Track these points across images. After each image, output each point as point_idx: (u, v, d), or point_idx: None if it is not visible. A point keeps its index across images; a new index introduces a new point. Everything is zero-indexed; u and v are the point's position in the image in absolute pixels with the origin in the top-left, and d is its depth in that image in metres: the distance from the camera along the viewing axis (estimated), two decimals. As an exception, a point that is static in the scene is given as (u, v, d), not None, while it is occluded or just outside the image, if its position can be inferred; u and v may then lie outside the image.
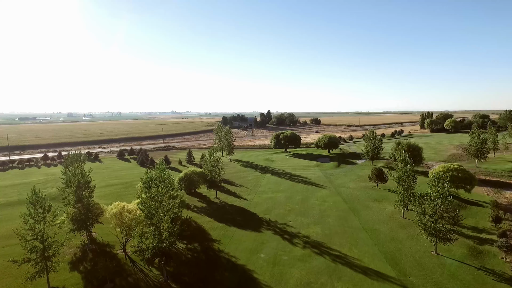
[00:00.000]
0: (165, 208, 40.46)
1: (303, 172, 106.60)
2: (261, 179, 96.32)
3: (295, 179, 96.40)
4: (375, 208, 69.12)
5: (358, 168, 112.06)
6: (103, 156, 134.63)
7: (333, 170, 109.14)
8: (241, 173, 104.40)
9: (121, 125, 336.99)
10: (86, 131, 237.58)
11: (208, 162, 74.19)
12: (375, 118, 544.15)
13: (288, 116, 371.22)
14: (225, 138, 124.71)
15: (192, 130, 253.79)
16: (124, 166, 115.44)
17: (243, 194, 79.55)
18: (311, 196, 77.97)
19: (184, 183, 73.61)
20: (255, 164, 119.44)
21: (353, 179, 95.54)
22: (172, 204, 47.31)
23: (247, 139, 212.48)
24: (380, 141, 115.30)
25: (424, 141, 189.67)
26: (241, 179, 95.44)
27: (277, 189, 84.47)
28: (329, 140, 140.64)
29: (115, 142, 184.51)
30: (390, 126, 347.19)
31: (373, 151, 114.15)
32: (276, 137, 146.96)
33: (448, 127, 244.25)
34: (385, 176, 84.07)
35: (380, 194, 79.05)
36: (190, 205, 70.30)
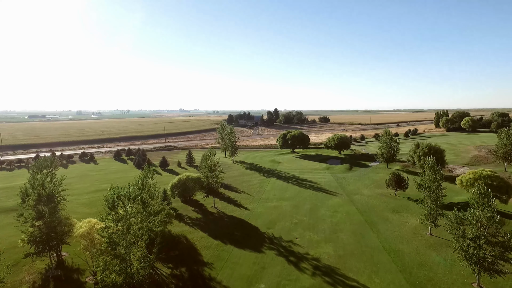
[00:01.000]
0: (138, 232, 32.03)
1: (311, 175, 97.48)
2: (265, 184, 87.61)
3: (302, 184, 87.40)
4: (395, 221, 59.81)
5: (372, 171, 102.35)
6: (100, 157, 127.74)
7: (345, 174, 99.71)
8: (244, 176, 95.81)
9: (125, 123, 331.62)
10: (88, 130, 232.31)
11: (204, 166, 65.75)
12: (386, 117, 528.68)
13: (296, 114, 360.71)
14: (228, 138, 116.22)
15: (196, 129, 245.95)
16: (120, 168, 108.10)
17: (244, 202, 70.98)
18: (321, 206, 68.95)
19: (177, 190, 65.43)
20: (260, 167, 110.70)
21: (367, 185, 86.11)
22: (154, 222, 39.01)
23: (253, 138, 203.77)
24: (396, 142, 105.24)
25: (441, 141, 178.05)
26: (243, 184, 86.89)
27: (283, 196, 75.67)
28: (339, 140, 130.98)
29: (116, 141, 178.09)
30: (402, 124, 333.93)
31: (389, 153, 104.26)
32: (283, 136, 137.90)
33: (466, 126, 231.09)
34: (405, 183, 74.53)
35: (400, 204, 69.62)
36: (183, 215, 62.07)
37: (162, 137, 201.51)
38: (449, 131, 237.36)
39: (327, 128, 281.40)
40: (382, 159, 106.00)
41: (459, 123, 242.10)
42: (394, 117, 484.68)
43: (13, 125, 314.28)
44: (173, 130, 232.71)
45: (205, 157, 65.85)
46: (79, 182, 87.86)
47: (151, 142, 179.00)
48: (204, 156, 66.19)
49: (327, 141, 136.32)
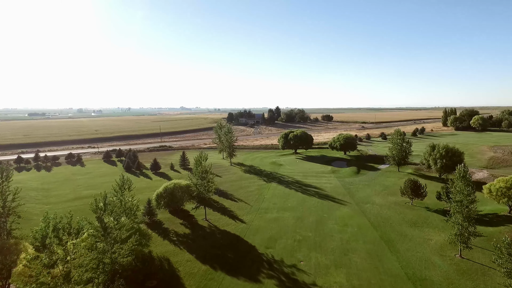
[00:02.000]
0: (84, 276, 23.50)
1: (316, 180, 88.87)
2: (265, 190, 79.08)
3: (307, 190, 78.81)
4: (416, 237, 51.19)
5: (382, 175, 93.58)
6: (88, 158, 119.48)
7: (352, 178, 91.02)
8: (242, 181, 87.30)
9: (122, 122, 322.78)
10: (82, 129, 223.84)
11: (194, 172, 57.23)
12: (390, 115, 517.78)
13: (298, 112, 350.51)
14: (225, 138, 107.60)
15: (194, 128, 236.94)
16: (108, 171, 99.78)
17: (240, 213, 62.48)
18: (328, 217, 60.38)
19: (163, 200, 56.90)
20: (260, 170, 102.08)
21: (378, 191, 77.43)
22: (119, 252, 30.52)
23: (253, 138, 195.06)
24: (408, 143, 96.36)
25: (451, 141, 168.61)
26: (240, 190, 78.38)
27: (285, 206, 67.13)
28: (345, 141, 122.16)
29: (109, 141, 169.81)
30: (408, 123, 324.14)
31: (400, 155, 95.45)
32: (285, 136, 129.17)
33: (475, 125, 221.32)
34: (422, 191, 65.79)
35: (418, 215, 60.95)
36: (169, 231, 53.69)
37: (158, 137, 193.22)
38: (458, 130, 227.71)
39: (330, 127, 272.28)
40: (393, 162, 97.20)
41: (468, 121, 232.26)
42: (398, 115, 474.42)
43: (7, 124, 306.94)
44: (170, 129, 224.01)
45: (195, 162, 57.26)
46: (59, 188, 79.65)
47: (146, 141, 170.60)
48: (195, 160, 57.59)
49: (332, 141, 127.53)
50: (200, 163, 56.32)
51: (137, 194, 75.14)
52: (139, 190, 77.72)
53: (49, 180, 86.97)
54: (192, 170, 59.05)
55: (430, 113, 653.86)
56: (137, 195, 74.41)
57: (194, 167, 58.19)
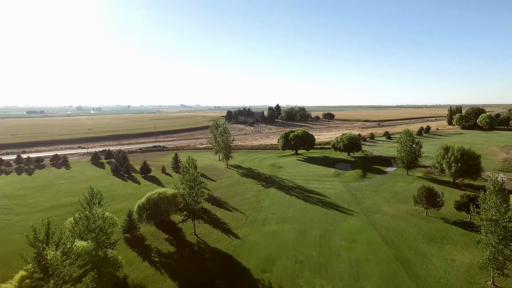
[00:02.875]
0: None
1: (319, 185, 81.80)
2: (263, 196, 71.97)
3: (309, 197, 71.69)
4: (437, 257, 44.16)
5: (390, 180, 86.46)
6: (75, 160, 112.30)
7: (358, 183, 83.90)
8: (238, 186, 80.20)
9: (118, 120, 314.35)
10: (75, 127, 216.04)
11: (181, 180, 50.13)
12: (392, 113, 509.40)
13: (299, 110, 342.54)
14: (221, 139, 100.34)
15: (192, 126, 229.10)
16: (94, 174, 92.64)
17: (235, 226, 55.41)
18: (334, 231, 53.34)
19: (145, 212, 49.74)
20: (258, 173, 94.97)
21: (387, 198, 70.32)
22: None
23: (252, 137, 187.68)
24: (419, 144, 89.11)
25: (457, 140, 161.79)
26: (236, 198, 71.26)
27: (284, 216, 60.04)
28: (349, 141, 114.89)
29: (101, 140, 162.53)
30: (411, 121, 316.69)
31: (410, 158, 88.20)
32: (285, 136, 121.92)
33: (482, 123, 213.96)
34: (439, 200, 58.64)
35: (435, 228, 53.88)
36: (151, 248, 46.65)
37: (153, 136, 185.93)
38: (464, 129, 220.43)
39: (332, 125, 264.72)
40: (402, 165, 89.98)
41: (474, 120, 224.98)
42: (401, 113, 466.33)
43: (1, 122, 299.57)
44: (167, 128, 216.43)
45: (182, 169, 50.08)
46: (36, 194, 72.55)
47: (140, 141, 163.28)
48: (182, 167, 50.37)
49: (335, 141, 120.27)
50: (187, 170, 49.16)
51: (122, 201, 68.43)
52: (124, 197, 70.85)
53: (27, 185, 79.93)
54: (180, 178, 51.67)
55: (432, 111, 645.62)
56: (122, 203, 67.78)
57: (180, 175, 51.05)
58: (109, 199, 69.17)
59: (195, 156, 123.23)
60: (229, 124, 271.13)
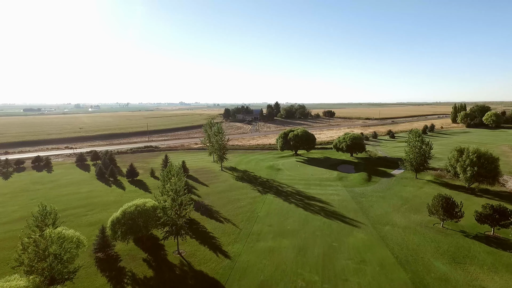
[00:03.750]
0: None
1: (320, 190, 74.81)
2: (259, 204, 64.97)
3: (309, 205, 64.69)
4: (462, 284, 37.38)
5: (397, 184, 79.50)
6: (59, 162, 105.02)
7: (363, 187, 76.93)
8: (232, 192, 73.17)
9: (112, 118, 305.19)
10: (65, 126, 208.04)
11: (161, 191, 43.08)
12: (394, 110, 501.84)
13: (298, 108, 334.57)
14: (215, 139, 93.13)
15: (188, 125, 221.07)
16: (76, 178, 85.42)
17: (225, 241, 48.43)
18: (339, 248, 46.38)
19: (121, 228, 42.64)
20: (255, 176, 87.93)
21: (397, 207, 63.37)
22: None
23: (250, 136, 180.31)
24: (429, 145, 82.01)
25: (464, 140, 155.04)
26: (229, 206, 64.23)
27: (282, 229, 53.07)
28: (352, 141, 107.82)
29: (91, 140, 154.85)
30: (413, 119, 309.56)
31: (419, 160, 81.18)
32: (284, 136, 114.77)
33: (488, 121, 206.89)
34: (458, 210, 51.65)
35: (456, 244, 46.95)
36: (125, 272, 39.66)
37: (147, 135, 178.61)
38: (469, 127, 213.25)
39: (333, 124, 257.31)
40: (410, 168, 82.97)
41: (480, 118, 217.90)
42: (403, 111, 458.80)
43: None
44: (161, 126, 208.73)
45: (163, 177, 42.95)
46: (7, 202, 65.31)
47: (132, 140, 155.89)
48: (163, 175, 43.20)
49: (337, 141, 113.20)
50: (168, 179, 42.09)
51: (102, 211, 61.19)
52: (105, 206, 63.71)
53: (0, 192, 72.80)
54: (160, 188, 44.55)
55: (433, 108, 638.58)
56: (102, 212, 60.48)
57: (161, 184, 43.94)
58: (87, 208, 62.47)
59: (188, 157, 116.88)
60: (227, 123, 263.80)
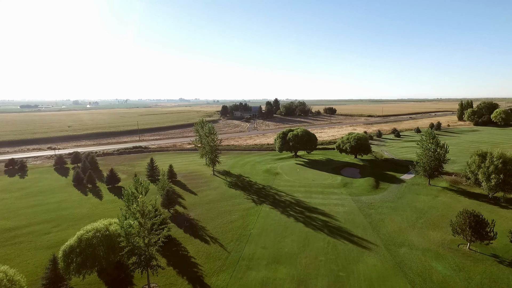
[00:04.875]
0: None
1: (323, 199, 66.25)
2: (253, 218, 56.44)
3: (311, 219, 56.15)
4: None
5: (409, 191, 70.95)
6: (37, 165, 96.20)
7: (371, 196, 68.36)
8: (223, 202, 64.58)
9: (105, 116, 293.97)
10: (54, 124, 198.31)
11: (125, 214, 34.43)
12: (397, 107, 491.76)
13: (298, 105, 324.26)
14: (207, 140, 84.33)
15: (183, 122, 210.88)
16: (50, 185, 76.66)
17: (209, 270, 39.91)
18: (347, 279, 37.96)
19: (76, 258, 33.99)
20: (250, 182, 79.32)
21: (411, 221, 54.89)
22: None
23: (247, 135, 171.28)
24: (444, 148, 73.22)
25: (474, 139, 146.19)
26: (218, 219, 55.68)
27: (279, 252, 44.54)
28: (357, 142, 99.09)
29: (78, 140, 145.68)
30: (417, 116, 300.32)
31: (434, 165, 72.42)
32: (283, 136, 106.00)
33: (497, 119, 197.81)
34: (489, 230, 43.06)
35: (490, 275, 38.48)
36: (76, 320, 31.06)
37: (140, 133, 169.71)
38: (477, 125, 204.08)
39: (334, 121, 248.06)
40: (423, 173, 74.26)
41: (488, 115, 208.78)
42: (405, 108, 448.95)
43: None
44: (155, 124, 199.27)
45: (127, 196, 34.21)
46: (-39, 216, 56.74)
47: (122, 140, 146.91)
48: (126, 194, 34.41)
49: (340, 142, 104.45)
50: (134, 198, 33.44)
51: (69, 227, 52.20)
52: (74, 221, 55.06)
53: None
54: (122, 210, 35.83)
55: (436, 104, 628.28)
56: (68, 229, 51.37)
57: (123, 207, 35.16)
58: (53, 223, 53.83)
59: (178, 160, 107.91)
60: (224, 120, 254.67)
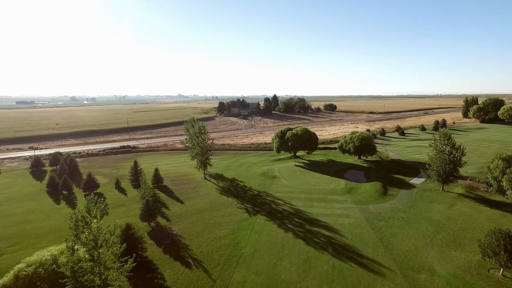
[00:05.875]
0: None
1: (326, 208, 58.75)
2: (245, 233, 48.86)
3: (313, 234, 48.63)
4: None
5: (421, 199, 63.49)
6: (13, 167, 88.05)
7: (380, 205, 60.79)
8: (212, 212, 56.94)
9: (97, 112, 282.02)
10: (41, 121, 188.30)
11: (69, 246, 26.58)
12: (398, 103, 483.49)
13: (298, 101, 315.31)
14: (196, 141, 76.34)
15: (177, 120, 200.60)
16: (20, 191, 68.70)
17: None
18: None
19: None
20: (244, 187, 71.63)
21: (429, 236, 47.47)
22: None
23: (244, 133, 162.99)
24: (460, 150, 65.51)
25: (483, 137, 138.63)
26: (204, 236, 48.05)
27: (275, 280, 37.11)
28: (361, 142, 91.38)
29: (64, 138, 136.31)
30: (419, 113, 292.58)
31: (448, 169, 64.77)
32: (281, 135, 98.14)
33: (504, 116, 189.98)
34: (528, 255, 35.58)
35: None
36: None
37: (131, 131, 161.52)
38: (484, 122, 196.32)
39: (335, 118, 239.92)
40: (437, 178, 66.61)
41: (494, 112, 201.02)
42: (407, 104, 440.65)
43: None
44: (148, 122, 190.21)
45: (75, 223, 26.35)
46: None
47: (110, 138, 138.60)
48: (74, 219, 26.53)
49: (343, 142, 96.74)
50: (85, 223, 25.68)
51: (28, 247, 43.28)
52: (36, 238, 47.37)
53: None
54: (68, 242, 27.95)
55: (436, 101, 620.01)
56: (26, 249, 42.45)
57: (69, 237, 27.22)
58: (12, 240, 46.05)
59: (168, 161, 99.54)
60: (221, 117, 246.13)
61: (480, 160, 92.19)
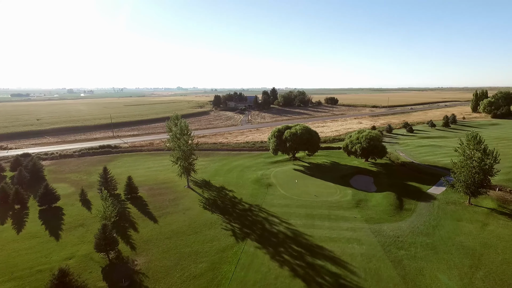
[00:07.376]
0: None
1: (330, 230, 47.77)
2: (228, 268, 38.00)
3: (314, 270, 37.81)
4: None
5: (445, 216, 52.54)
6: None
7: (396, 224, 49.84)
8: (191, 235, 45.91)
9: (87, 106, 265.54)
10: (22, 116, 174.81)
11: None
12: (401, 96, 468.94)
13: (298, 94, 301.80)
14: (177, 144, 64.73)
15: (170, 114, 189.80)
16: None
17: None
18: None
19: None
20: (233, 199, 60.51)
21: (464, 274, 36.92)
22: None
23: (239, 129, 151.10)
24: (493, 157, 54.15)
25: (499, 135, 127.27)
26: (175, 272, 37.13)
27: None
28: (369, 143, 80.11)
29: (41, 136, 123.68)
30: (425, 107, 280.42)
31: (478, 179, 53.49)
32: (278, 135, 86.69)
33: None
34: None
35: None
36: None
37: (117, 127, 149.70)
38: (495, 117, 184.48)
39: (337, 113, 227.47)
40: (464, 190, 55.32)
41: (506, 106, 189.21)
42: (410, 97, 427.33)
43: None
44: (136, 117, 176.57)
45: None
46: None
47: (93, 136, 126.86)
48: None
49: (349, 142, 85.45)
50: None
51: None
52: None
53: None
54: None
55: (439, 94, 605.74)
56: None
57: None
58: None
59: (150, 164, 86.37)
60: (216, 111, 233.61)
61: (505, 163, 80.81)
